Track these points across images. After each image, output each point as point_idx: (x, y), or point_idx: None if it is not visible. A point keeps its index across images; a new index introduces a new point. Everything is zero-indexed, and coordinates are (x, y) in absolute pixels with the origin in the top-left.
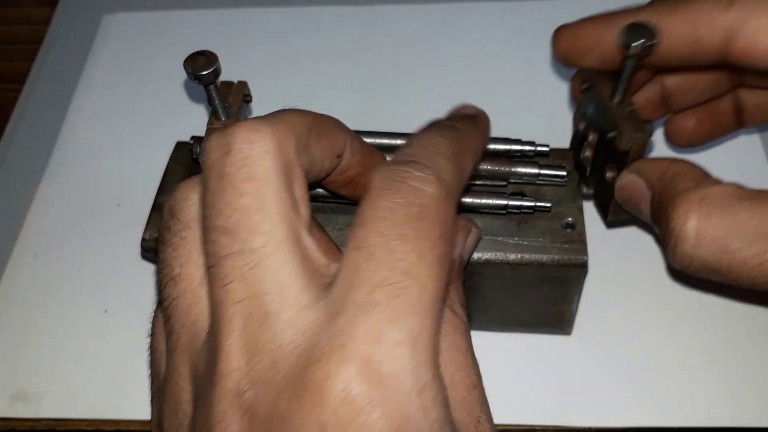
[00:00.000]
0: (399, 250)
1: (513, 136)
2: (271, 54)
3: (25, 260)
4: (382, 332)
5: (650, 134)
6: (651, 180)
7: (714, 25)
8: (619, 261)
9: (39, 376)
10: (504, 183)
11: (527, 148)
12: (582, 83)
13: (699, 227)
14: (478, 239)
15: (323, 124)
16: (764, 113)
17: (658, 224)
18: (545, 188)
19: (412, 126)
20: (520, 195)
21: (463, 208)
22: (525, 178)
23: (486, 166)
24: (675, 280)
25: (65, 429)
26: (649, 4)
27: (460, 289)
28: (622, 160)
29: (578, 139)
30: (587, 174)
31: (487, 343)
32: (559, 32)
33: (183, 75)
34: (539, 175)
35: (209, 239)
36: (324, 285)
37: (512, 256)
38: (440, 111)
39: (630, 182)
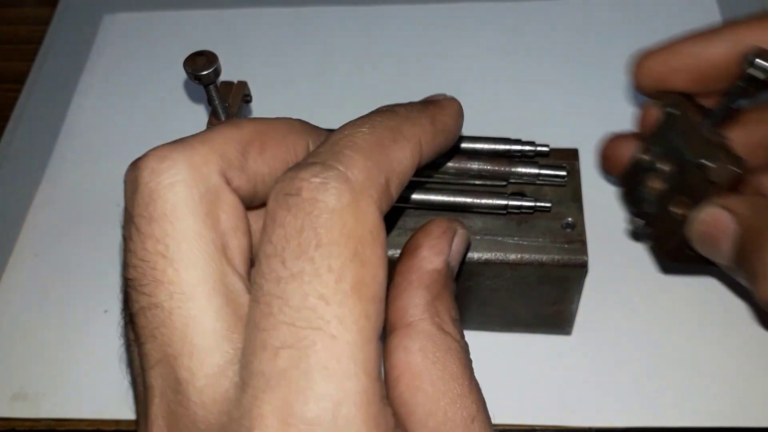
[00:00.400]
0: (296, 295)
1: (513, 136)
2: (271, 54)
3: (25, 260)
4: (292, 410)
5: (744, 169)
6: (741, 211)
7: None
8: (619, 261)
9: (39, 376)
10: (504, 183)
11: (527, 148)
12: (666, 106)
13: None
14: (467, 241)
15: (269, 133)
16: None
17: (749, 258)
18: (545, 188)
19: None
20: (520, 195)
21: (463, 209)
22: (525, 178)
23: (486, 166)
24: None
25: (65, 429)
26: (750, 20)
27: (450, 302)
28: (704, 193)
29: (640, 169)
30: (646, 208)
31: (487, 343)
32: (646, 56)
33: (183, 75)
34: (539, 175)
35: (126, 292)
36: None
37: (512, 256)
38: None
39: (713, 215)
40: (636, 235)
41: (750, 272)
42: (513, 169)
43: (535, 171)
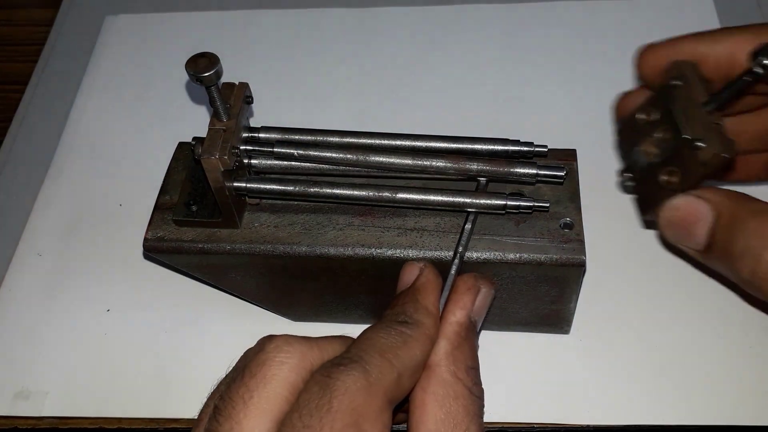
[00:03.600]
0: None
1: (512, 137)
2: (273, 55)
3: (29, 259)
4: None
5: (735, 155)
6: (716, 201)
7: None
8: (617, 261)
9: (41, 375)
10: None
11: (526, 148)
12: (672, 78)
13: None
14: (491, 298)
15: (337, 347)
16: None
17: (725, 241)
18: (543, 188)
19: (412, 127)
20: (519, 195)
21: (462, 208)
22: (524, 178)
23: (485, 167)
24: (749, 304)
25: (68, 427)
26: (749, 26)
27: (469, 352)
28: (693, 170)
29: (637, 129)
30: (638, 167)
31: (486, 342)
32: (650, 49)
33: (185, 76)
34: (537, 175)
35: (213, 410)
36: None
37: (511, 256)
38: (439, 112)
39: (689, 202)
40: (625, 188)
41: (726, 255)
42: (512, 170)
43: (534, 171)
